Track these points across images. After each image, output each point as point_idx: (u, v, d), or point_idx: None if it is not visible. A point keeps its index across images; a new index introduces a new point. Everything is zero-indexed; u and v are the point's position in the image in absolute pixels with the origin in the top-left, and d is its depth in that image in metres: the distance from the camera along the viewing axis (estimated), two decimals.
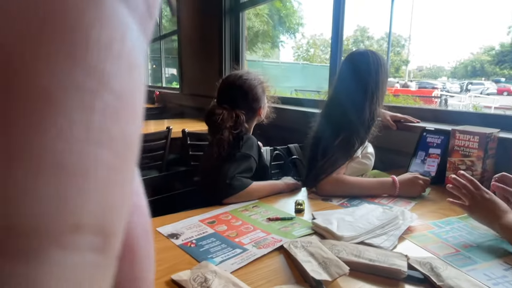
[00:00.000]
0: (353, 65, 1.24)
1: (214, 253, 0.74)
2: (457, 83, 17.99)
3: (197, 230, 0.85)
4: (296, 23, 11.11)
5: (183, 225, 0.87)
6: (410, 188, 1.10)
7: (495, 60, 15.18)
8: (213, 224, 0.89)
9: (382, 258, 0.70)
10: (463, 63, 20.43)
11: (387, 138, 1.46)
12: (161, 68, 5.77)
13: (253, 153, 1.18)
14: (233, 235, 0.83)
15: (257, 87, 1.26)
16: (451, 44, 16.33)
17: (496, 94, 13.13)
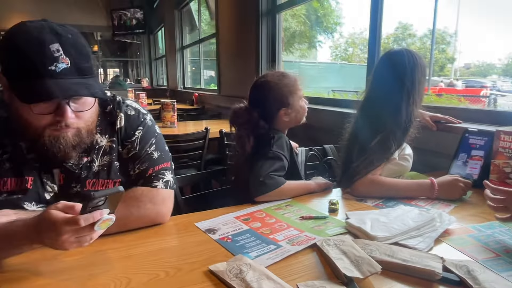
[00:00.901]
0: (388, 65, 1.22)
1: (249, 248, 0.77)
2: (509, 81, 16.73)
3: (233, 226, 0.88)
4: (334, 22, 10.94)
5: (220, 221, 0.92)
6: (449, 191, 1.07)
7: None
8: (248, 221, 0.92)
9: (416, 259, 0.70)
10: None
11: (426, 140, 1.42)
12: (200, 70, 5.94)
13: (285, 152, 1.20)
14: (267, 232, 0.86)
15: (280, 88, 1.26)
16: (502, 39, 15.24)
17: None
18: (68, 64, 0.75)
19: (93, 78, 0.80)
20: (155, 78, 9.37)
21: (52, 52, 0.73)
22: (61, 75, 0.74)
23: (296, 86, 1.30)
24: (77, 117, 0.80)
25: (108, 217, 0.67)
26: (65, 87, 0.74)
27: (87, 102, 0.81)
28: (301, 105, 1.32)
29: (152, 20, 8.29)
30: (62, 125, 0.78)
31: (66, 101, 0.77)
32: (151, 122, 0.98)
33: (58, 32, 0.75)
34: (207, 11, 5.74)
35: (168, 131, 2.70)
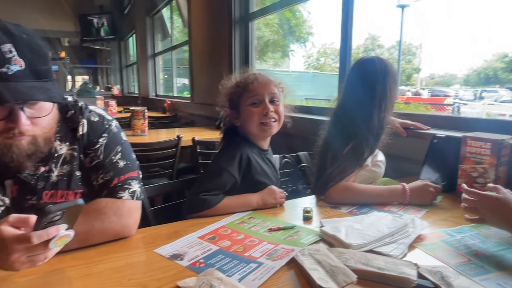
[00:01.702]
0: (360, 72, 1.23)
1: (228, 270, 0.70)
2: (470, 90, 17.73)
3: (201, 248, 0.80)
4: (306, 32, 11.18)
5: (183, 244, 0.82)
6: (420, 196, 1.08)
7: (509, 67, 14.94)
8: (215, 240, 0.84)
9: (391, 266, 0.69)
10: (476, 70, 20.14)
11: (398, 146, 1.44)
12: (172, 78, 5.85)
13: (231, 167, 1.10)
14: (241, 249, 0.79)
15: (228, 88, 1.22)
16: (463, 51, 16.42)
17: (510, 101, 12.85)
18: (22, 66, 0.69)
19: (51, 81, 0.74)
20: (126, 86, 9.14)
21: (4, 53, 0.67)
22: (14, 78, 0.68)
23: (247, 87, 1.18)
24: (32, 123, 0.74)
25: (65, 233, 0.61)
26: (19, 91, 0.68)
27: (44, 108, 0.75)
28: (248, 110, 1.17)
29: (123, 26, 8.11)
30: (15, 133, 0.72)
31: (20, 106, 0.70)
32: (116, 128, 0.93)
33: (11, 32, 0.69)
34: (180, 18, 5.68)
35: (139, 139, 2.61)
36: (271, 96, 1.17)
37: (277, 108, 1.18)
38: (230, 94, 1.22)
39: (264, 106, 1.16)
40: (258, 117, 1.16)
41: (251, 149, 1.18)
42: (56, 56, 10.13)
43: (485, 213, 0.81)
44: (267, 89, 1.17)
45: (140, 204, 0.90)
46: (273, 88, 1.19)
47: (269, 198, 1.09)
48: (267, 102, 1.16)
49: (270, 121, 1.16)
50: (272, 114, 1.16)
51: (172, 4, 5.43)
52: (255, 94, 1.17)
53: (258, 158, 1.19)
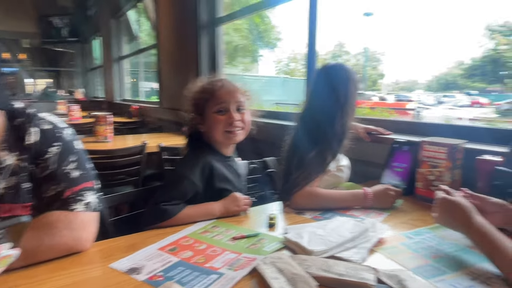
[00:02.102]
0: (324, 78, 1.26)
1: (188, 283, 0.68)
2: (432, 95, 18.70)
3: (160, 261, 0.76)
4: (275, 38, 11.33)
5: (141, 257, 0.78)
6: (381, 200, 1.11)
7: (466, 74, 15.92)
8: (176, 251, 0.81)
9: (351, 272, 0.69)
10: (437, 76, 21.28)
11: (361, 150, 1.48)
12: (139, 82, 5.70)
13: (192, 174, 1.08)
14: (202, 260, 0.77)
15: (193, 93, 1.19)
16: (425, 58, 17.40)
17: (468, 106, 13.69)
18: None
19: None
20: (91, 90, 8.81)
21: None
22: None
23: (213, 94, 1.16)
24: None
25: (8, 253, 0.57)
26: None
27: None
28: (213, 118, 1.16)
29: (87, 28, 7.82)
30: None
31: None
32: (70, 137, 0.87)
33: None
34: (148, 21, 5.57)
35: (102, 145, 2.51)
36: (237, 104, 1.16)
37: (243, 116, 1.17)
38: (196, 99, 1.19)
39: (229, 115, 1.14)
40: (223, 125, 1.15)
41: (214, 156, 1.16)
42: (15, 58, 9.59)
43: (438, 214, 0.84)
44: (233, 97, 1.16)
45: (96, 216, 0.85)
46: (240, 96, 1.18)
47: (232, 206, 1.07)
48: (233, 110, 1.15)
49: (235, 130, 1.16)
50: (238, 123, 1.15)
51: (138, 6, 5.31)
52: (221, 101, 1.15)
53: (222, 165, 1.17)
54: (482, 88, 16.43)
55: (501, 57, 12.76)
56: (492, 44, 13.29)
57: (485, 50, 13.62)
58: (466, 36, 13.66)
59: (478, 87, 16.56)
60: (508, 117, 10.42)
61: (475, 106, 14.99)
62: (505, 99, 13.30)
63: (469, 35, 17.61)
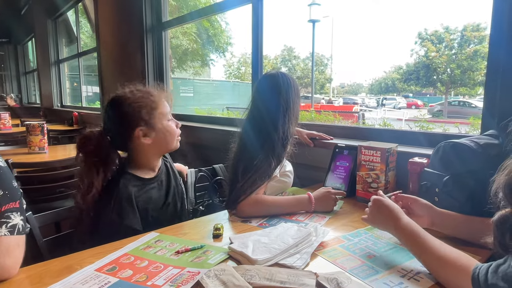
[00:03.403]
0: (265, 86, 1.28)
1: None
2: (374, 98, 19.90)
3: (97, 283, 0.72)
4: (225, 42, 11.33)
5: (76, 280, 0.73)
6: (323, 203, 1.15)
7: (403, 78, 17.27)
8: (115, 271, 0.77)
9: (293, 278, 0.71)
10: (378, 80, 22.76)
11: (305, 155, 1.53)
12: (80, 87, 5.37)
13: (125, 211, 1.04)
14: (143, 279, 0.74)
15: (134, 102, 1.12)
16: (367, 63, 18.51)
17: (406, 108, 14.88)
18: None
19: None
20: (25, 95, 8.13)
21: None
22: None
23: (157, 102, 1.15)
24: None
25: None
26: None
27: None
28: (166, 125, 1.17)
29: (20, 29, 7.20)
30: None
31: None
32: None
33: None
34: (88, 22, 5.27)
35: (36, 157, 2.32)
36: (170, 111, 1.22)
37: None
38: (137, 106, 1.11)
39: (176, 122, 1.21)
40: (176, 133, 1.20)
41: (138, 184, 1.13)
42: None
43: (370, 215, 0.90)
44: (170, 105, 1.21)
45: (22, 239, 0.79)
46: (171, 103, 1.24)
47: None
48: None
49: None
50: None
51: (78, 7, 5.01)
52: (168, 110, 1.19)
53: (149, 192, 1.15)
54: (417, 91, 17.82)
55: (431, 63, 14.03)
56: (423, 51, 14.55)
57: (418, 57, 14.88)
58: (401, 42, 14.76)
59: (414, 90, 17.96)
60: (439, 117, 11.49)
61: (412, 107, 16.24)
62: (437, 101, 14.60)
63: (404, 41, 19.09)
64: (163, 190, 1.22)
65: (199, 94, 10.82)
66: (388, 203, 0.86)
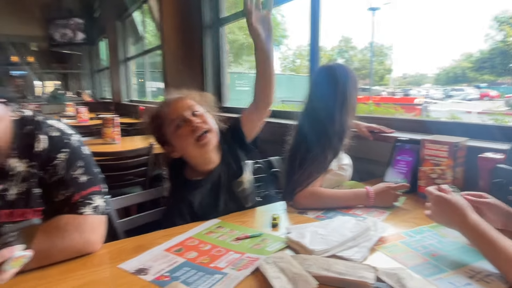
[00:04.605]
0: (322, 78, 1.28)
1: (193, 283, 0.70)
2: (440, 89, 18.48)
3: (166, 262, 0.79)
4: (280, 35, 11.31)
5: (148, 258, 0.81)
6: (383, 198, 1.12)
7: (475, 67, 15.67)
8: (181, 252, 0.84)
9: (351, 271, 0.71)
10: (445, 70, 21.01)
11: (364, 149, 1.49)
12: (146, 82, 5.76)
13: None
14: (206, 261, 0.79)
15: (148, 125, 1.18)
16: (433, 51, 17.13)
17: (478, 99, 13.52)
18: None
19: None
20: (98, 91, 8.92)
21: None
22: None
23: (163, 116, 1.11)
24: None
25: (21, 254, 0.60)
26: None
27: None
28: (176, 136, 1.10)
29: (93, 30, 7.90)
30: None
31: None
32: (77, 142, 0.90)
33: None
34: (153, 22, 5.61)
35: (109, 147, 2.56)
36: (190, 110, 1.11)
37: (202, 117, 1.11)
38: (153, 131, 1.16)
39: (188, 123, 1.09)
40: (190, 136, 1.08)
41: (192, 191, 1.13)
42: (24, 61, 9.76)
43: (434, 212, 0.84)
44: (182, 106, 1.11)
45: (104, 218, 0.89)
46: (188, 101, 1.14)
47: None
48: (189, 117, 1.10)
49: (203, 134, 1.09)
50: (201, 125, 1.09)
51: (143, 7, 5.35)
52: (174, 117, 1.10)
53: (199, 190, 1.14)
54: (491, 80, 16.17)
55: (510, 49, 12.52)
56: (500, 36, 13.03)
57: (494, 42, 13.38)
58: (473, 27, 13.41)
59: (488, 80, 16.29)
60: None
61: (484, 99, 14.75)
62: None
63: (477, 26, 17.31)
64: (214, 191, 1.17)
65: None
66: (454, 198, 0.80)
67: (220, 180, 1.18)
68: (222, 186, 1.18)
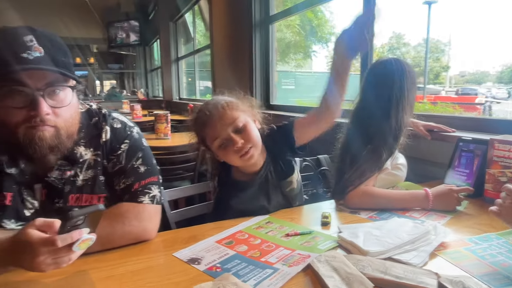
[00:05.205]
0: (377, 74, 1.22)
1: (244, 275, 0.71)
2: (504, 88, 16.93)
3: (218, 253, 0.81)
4: (328, 32, 11.03)
5: (200, 248, 0.83)
6: (444, 201, 1.05)
7: None
8: (232, 244, 0.85)
9: (410, 275, 0.67)
10: (510, 67, 19.20)
11: (420, 149, 1.41)
12: (195, 81, 5.95)
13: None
14: (257, 255, 0.80)
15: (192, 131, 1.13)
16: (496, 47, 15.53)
17: None
18: (42, 53, 0.72)
19: (71, 74, 0.77)
20: (151, 89, 9.39)
21: (25, 42, 0.71)
22: (34, 62, 0.71)
23: (205, 130, 1.06)
24: (54, 114, 0.76)
25: (87, 237, 0.64)
26: (38, 74, 0.72)
27: (65, 100, 0.78)
28: (220, 154, 1.07)
29: (148, 32, 8.33)
30: (37, 121, 0.73)
31: (41, 93, 0.73)
32: (138, 135, 0.95)
33: (33, 28, 0.75)
34: (202, 22, 5.77)
35: (162, 142, 2.67)
36: (233, 126, 1.04)
37: (245, 135, 1.05)
38: (197, 136, 1.12)
39: (232, 142, 1.03)
40: (233, 155, 1.04)
41: (237, 193, 1.12)
42: (86, 62, 10.56)
43: (508, 211, 0.76)
44: (225, 122, 1.04)
45: (160, 208, 0.92)
46: (232, 114, 1.05)
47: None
48: (232, 135, 1.03)
49: (247, 151, 1.04)
50: (244, 145, 1.03)
51: (194, 8, 5.53)
52: (217, 135, 1.04)
53: (246, 191, 1.12)
54: None
55: None
56: None
57: None
58: None
59: None
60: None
61: None
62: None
63: None
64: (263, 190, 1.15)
65: (300, 86, 10.82)
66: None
67: (268, 180, 1.15)
68: (270, 186, 1.15)
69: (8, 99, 0.72)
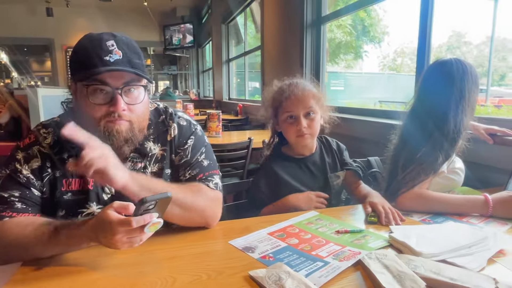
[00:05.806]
0: (435, 74, 1.19)
1: (296, 266, 0.74)
2: None
3: (270, 244, 0.85)
4: (381, 32, 10.62)
5: (254, 239, 0.88)
6: (506, 209, 1.00)
7: None
8: (283, 237, 0.89)
9: (465, 278, 0.67)
10: None
11: (480, 153, 1.34)
12: (244, 82, 6.08)
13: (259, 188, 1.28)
14: (308, 248, 0.83)
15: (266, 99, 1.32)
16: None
17: None
18: (121, 56, 0.83)
19: (144, 74, 0.87)
20: (202, 90, 9.74)
21: (108, 46, 0.83)
22: (115, 64, 0.82)
23: (282, 103, 1.24)
24: (129, 110, 0.87)
25: (156, 221, 0.71)
26: (118, 75, 0.83)
27: (139, 97, 0.88)
28: (284, 126, 1.26)
29: (201, 34, 8.68)
30: (115, 116, 0.84)
31: (119, 92, 0.84)
32: (201, 132, 1.05)
33: (114, 34, 0.86)
34: (253, 24, 5.89)
35: (213, 140, 2.79)
36: (306, 110, 1.22)
37: (311, 123, 1.23)
38: (269, 104, 1.30)
39: (298, 123, 1.21)
40: (293, 132, 1.23)
41: (283, 161, 1.28)
42: None
43: None
44: (302, 104, 1.22)
45: (221, 196, 1.00)
46: (309, 101, 1.22)
47: (303, 204, 1.17)
48: (302, 117, 1.21)
49: (304, 135, 1.22)
50: (305, 130, 1.21)
51: (246, 11, 5.66)
52: (290, 110, 1.22)
53: (292, 167, 1.28)
54: None
55: None
56: None
57: None
58: None
59: None
60: None
61: None
62: None
63: None
64: (309, 172, 1.29)
65: (350, 87, 10.56)
66: None
67: (318, 165, 1.31)
68: (320, 170, 1.30)
69: (93, 97, 0.83)
